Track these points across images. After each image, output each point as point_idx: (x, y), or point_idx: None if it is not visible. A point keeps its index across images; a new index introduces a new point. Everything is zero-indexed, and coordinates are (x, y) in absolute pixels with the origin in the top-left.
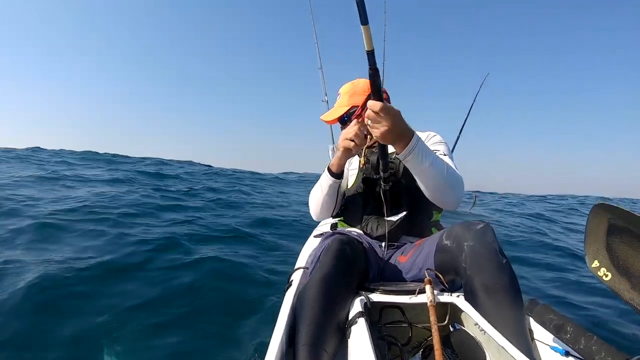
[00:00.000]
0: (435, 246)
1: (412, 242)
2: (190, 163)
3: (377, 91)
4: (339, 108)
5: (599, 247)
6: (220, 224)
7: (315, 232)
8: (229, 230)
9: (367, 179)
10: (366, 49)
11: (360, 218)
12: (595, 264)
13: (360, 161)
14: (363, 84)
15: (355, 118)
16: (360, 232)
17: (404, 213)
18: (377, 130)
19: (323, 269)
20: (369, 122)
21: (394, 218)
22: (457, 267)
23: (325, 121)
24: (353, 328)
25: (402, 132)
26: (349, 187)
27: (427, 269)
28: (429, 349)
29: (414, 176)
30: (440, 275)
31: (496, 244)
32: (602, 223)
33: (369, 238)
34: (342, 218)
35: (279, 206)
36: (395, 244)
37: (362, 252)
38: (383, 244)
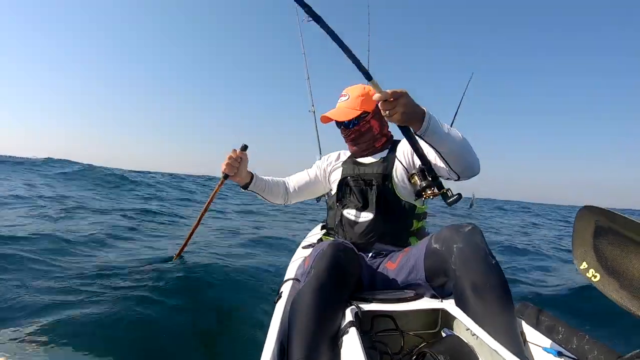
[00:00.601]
0: (425, 251)
1: (397, 251)
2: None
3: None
4: (350, 110)
5: (587, 249)
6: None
7: (304, 243)
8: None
9: (341, 182)
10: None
11: (335, 226)
12: (584, 265)
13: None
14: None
15: (359, 127)
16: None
17: (371, 216)
18: (397, 114)
19: (317, 277)
20: (387, 112)
21: (361, 219)
22: (446, 269)
23: (329, 120)
24: (344, 338)
25: (415, 110)
26: (332, 196)
27: (418, 276)
28: (421, 356)
29: (438, 149)
30: (430, 282)
31: (485, 245)
32: (588, 225)
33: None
34: (325, 231)
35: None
36: (382, 252)
37: (357, 260)
38: (371, 253)
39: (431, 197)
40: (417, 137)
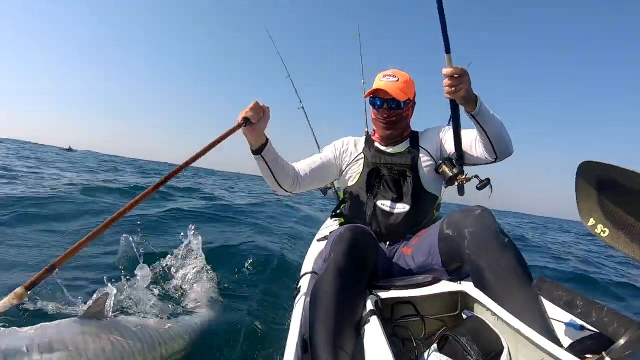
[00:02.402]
0: (437, 236)
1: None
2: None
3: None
4: (401, 92)
5: (592, 205)
6: None
7: (318, 235)
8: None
9: (372, 171)
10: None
11: (363, 216)
12: (591, 221)
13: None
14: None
15: (402, 112)
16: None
17: (407, 208)
18: (462, 90)
19: (336, 262)
20: (452, 88)
21: (397, 210)
22: (461, 253)
23: (376, 94)
24: (366, 327)
25: (471, 91)
26: (350, 184)
27: (434, 261)
28: (444, 339)
29: (485, 128)
30: (446, 266)
31: (496, 226)
32: (590, 180)
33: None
34: (342, 220)
35: None
36: (401, 240)
37: (375, 243)
38: (388, 242)
39: (464, 182)
40: (469, 117)
